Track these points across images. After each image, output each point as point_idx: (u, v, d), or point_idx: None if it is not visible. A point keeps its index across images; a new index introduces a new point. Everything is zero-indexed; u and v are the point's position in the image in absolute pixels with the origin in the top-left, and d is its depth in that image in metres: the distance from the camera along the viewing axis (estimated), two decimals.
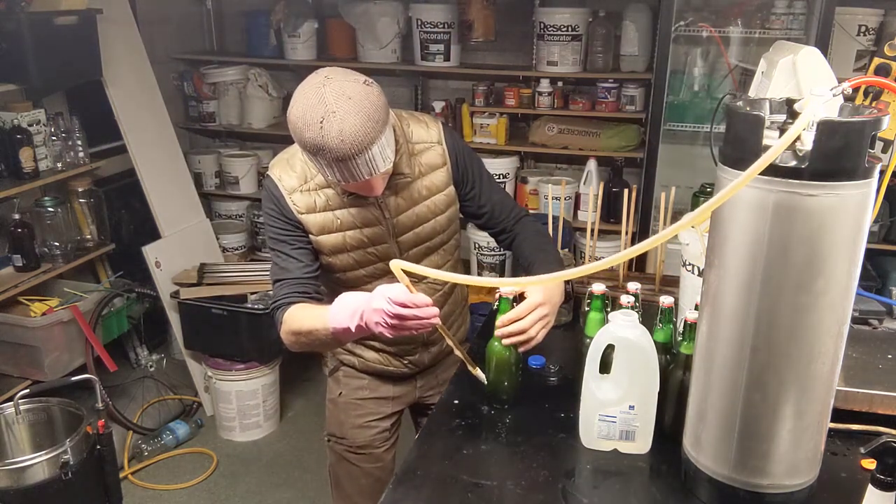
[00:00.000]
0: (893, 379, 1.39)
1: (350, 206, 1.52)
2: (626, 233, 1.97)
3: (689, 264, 1.59)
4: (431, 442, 1.37)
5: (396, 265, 1.23)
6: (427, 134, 1.58)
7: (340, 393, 1.82)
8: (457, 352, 1.47)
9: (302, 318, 1.46)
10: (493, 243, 3.76)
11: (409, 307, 1.27)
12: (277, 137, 4.00)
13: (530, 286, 1.47)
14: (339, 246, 1.55)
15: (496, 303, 1.49)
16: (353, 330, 1.34)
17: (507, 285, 1.48)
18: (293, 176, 1.53)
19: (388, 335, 1.31)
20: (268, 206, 1.56)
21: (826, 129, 0.93)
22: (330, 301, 1.43)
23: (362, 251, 1.57)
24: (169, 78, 3.90)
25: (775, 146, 0.89)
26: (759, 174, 0.97)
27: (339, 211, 1.53)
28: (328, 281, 1.64)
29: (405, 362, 1.75)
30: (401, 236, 1.58)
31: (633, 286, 1.46)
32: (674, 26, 2.96)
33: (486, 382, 1.47)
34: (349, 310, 1.34)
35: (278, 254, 1.56)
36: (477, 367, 1.48)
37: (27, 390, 2.28)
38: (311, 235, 1.54)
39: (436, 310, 1.30)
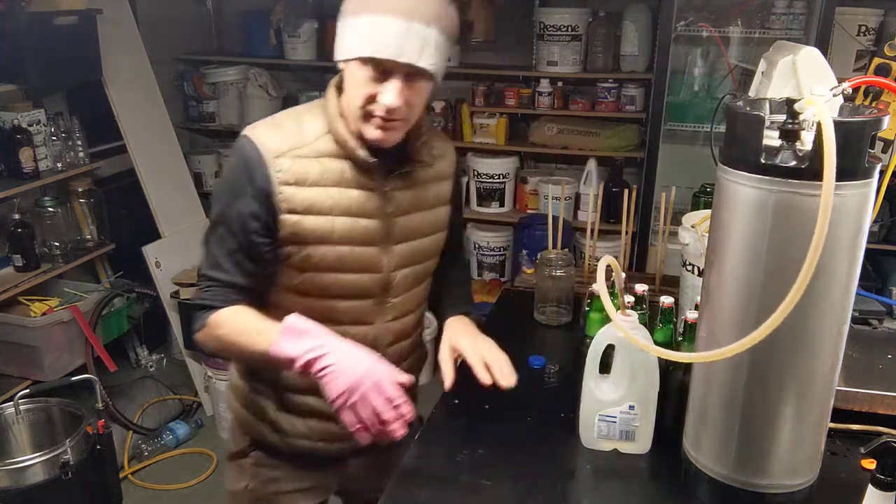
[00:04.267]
0: (893, 379, 1.39)
1: (351, 186, 1.27)
2: (626, 233, 1.97)
3: (689, 264, 1.59)
4: (431, 442, 1.37)
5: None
6: (443, 144, 1.45)
7: (247, 485, 1.47)
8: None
9: (237, 329, 1.24)
10: (493, 243, 3.76)
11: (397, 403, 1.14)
12: None
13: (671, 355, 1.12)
14: (325, 234, 1.25)
15: (587, 300, 1.56)
16: (299, 365, 1.15)
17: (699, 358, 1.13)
18: (282, 137, 1.24)
19: (348, 419, 1.14)
20: (233, 176, 1.25)
21: None
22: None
23: (349, 249, 1.28)
24: (169, 78, 3.90)
25: (829, 155, 0.89)
26: (759, 174, 0.97)
27: (334, 189, 1.25)
28: (291, 292, 1.32)
29: (340, 430, 1.24)
30: (397, 244, 1.33)
31: (640, 287, 1.46)
32: (674, 26, 2.96)
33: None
34: (307, 343, 1.15)
35: (224, 244, 1.26)
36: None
37: (27, 390, 2.28)
38: (289, 216, 1.23)
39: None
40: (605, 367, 1.27)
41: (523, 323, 1.83)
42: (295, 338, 1.16)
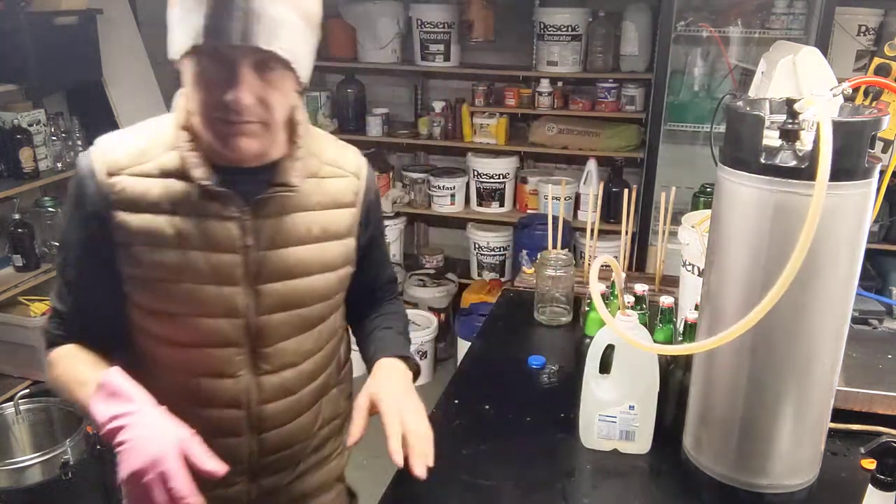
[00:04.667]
0: (893, 379, 1.39)
1: (199, 213, 1.04)
2: (626, 233, 1.97)
3: (689, 264, 1.59)
4: None
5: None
6: (345, 160, 1.18)
7: None
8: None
9: (66, 373, 1.08)
10: (493, 243, 3.76)
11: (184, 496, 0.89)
12: None
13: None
14: (168, 269, 1.04)
15: (587, 300, 1.52)
16: (103, 432, 0.96)
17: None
18: (123, 151, 1.05)
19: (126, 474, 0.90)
20: (69, 195, 1.08)
21: None
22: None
23: (199, 288, 1.05)
24: (169, 78, 3.90)
25: (825, 153, 0.89)
26: (759, 174, 0.97)
27: (178, 218, 1.03)
28: (146, 333, 1.11)
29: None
30: (264, 283, 1.09)
31: (640, 287, 1.45)
32: (674, 26, 2.96)
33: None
34: (115, 408, 0.95)
35: (64, 272, 1.11)
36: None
37: (27, 390, 2.28)
38: (124, 246, 1.04)
39: None
40: (605, 367, 1.27)
41: (523, 323, 1.83)
42: (105, 398, 0.97)
